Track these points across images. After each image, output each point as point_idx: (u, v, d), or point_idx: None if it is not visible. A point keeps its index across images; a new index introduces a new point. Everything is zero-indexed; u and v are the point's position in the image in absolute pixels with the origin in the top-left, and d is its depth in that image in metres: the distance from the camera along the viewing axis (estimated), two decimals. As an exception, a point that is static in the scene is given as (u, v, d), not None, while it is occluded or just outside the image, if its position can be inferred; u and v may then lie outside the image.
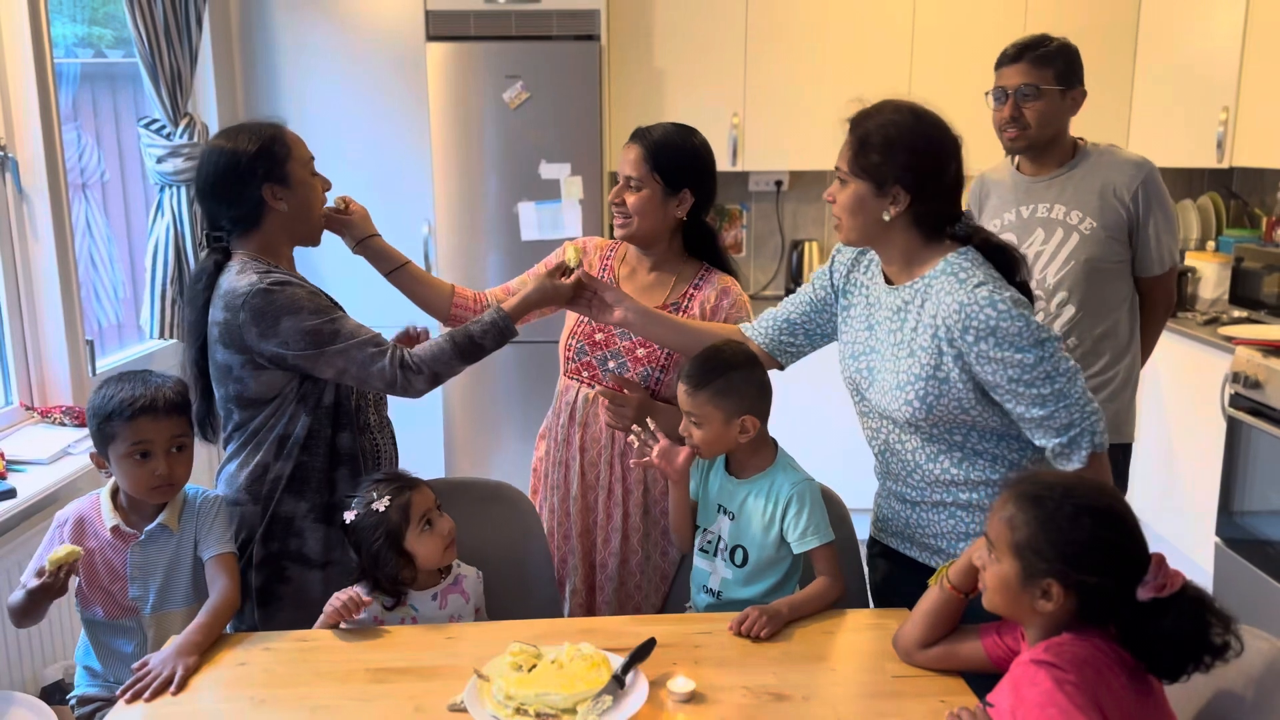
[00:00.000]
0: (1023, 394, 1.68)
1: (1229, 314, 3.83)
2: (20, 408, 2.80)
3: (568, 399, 2.22)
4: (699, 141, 2.16)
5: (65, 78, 3.16)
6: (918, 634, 1.65)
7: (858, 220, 1.77)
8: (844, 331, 1.94)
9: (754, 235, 4.61)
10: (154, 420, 1.84)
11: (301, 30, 3.87)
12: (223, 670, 1.70)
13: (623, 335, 2.17)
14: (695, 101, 4.14)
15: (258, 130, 1.97)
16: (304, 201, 1.99)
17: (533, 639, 1.68)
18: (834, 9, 4.09)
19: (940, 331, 1.71)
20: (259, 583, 2.01)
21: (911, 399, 1.75)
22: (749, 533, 1.88)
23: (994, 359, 1.67)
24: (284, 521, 2.01)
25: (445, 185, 3.85)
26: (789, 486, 1.86)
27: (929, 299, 1.74)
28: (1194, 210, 4.33)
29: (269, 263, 1.96)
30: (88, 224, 3.29)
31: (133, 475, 1.86)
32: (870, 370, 1.85)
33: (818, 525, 1.84)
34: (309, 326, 1.88)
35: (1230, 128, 3.75)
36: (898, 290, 1.80)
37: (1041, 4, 4.09)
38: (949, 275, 1.73)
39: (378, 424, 2.13)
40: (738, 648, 1.73)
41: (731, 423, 1.84)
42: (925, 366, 1.73)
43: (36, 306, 2.84)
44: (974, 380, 1.71)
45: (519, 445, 3.87)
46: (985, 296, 1.67)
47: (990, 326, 1.66)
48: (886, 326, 1.82)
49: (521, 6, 3.79)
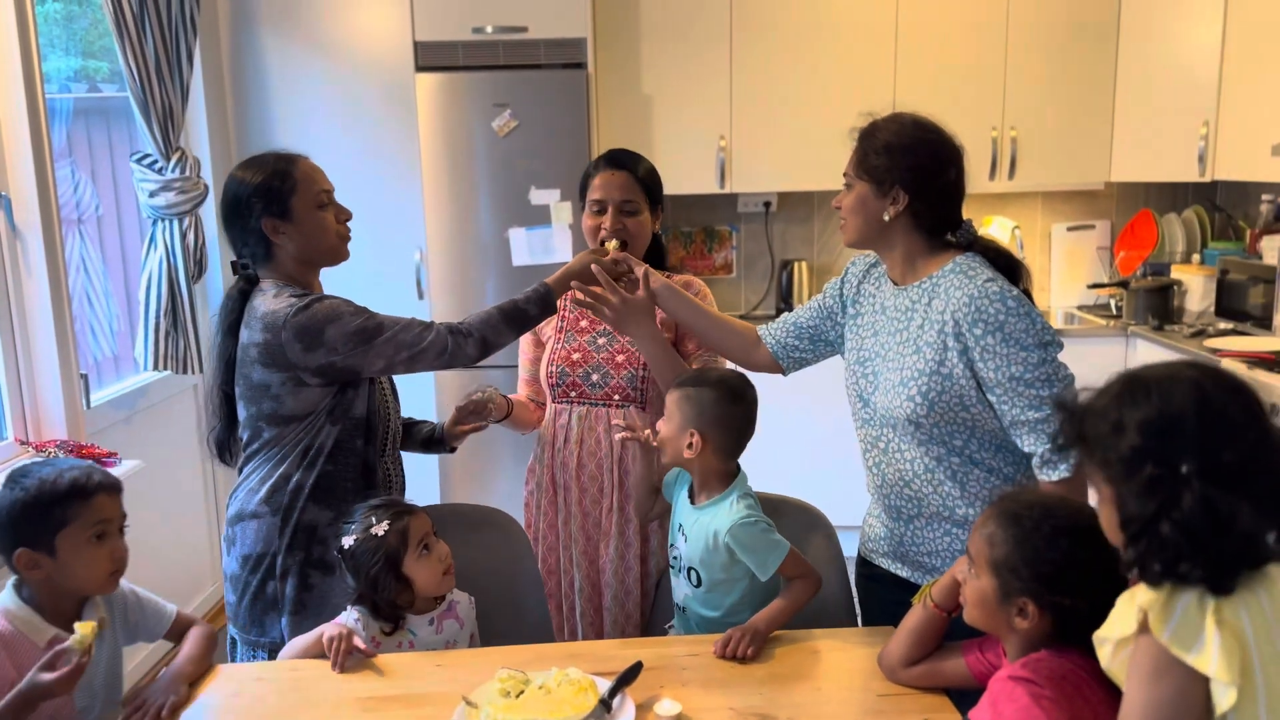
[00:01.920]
0: (1021, 394, 1.71)
1: (1215, 326, 3.86)
2: (15, 442, 2.82)
3: (561, 423, 2.26)
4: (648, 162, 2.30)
5: (59, 113, 3.21)
6: (902, 652, 1.67)
7: (859, 220, 1.86)
8: (850, 340, 1.98)
9: (744, 256, 4.65)
10: (110, 497, 1.73)
11: (292, 63, 3.92)
12: (216, 700, 1.72)
13: (598, 349, 2.23)
14: (682, 126, 4.19)
15: (266, 163, 2.02)
16: (307, 235, 2.01)
17: (520, 665, 1.70)
18: (819, 32, 4.14)
19: (948, 326, 1.75)
20: (285, 593, 2.04)
21: (914, 394, 1.78)
22: (697, 556, 1.90)
23: (999, 354, 1.71)
24: (307, 530, 2.03)
25: (436, 212, 3.89)
26: (724, 531, 1.84)
27: (936, 296, 1.79)
28: (1179, 224, 4.37)
29: (299, 286, 2.03)
30: (82, 259, 3.33)
31: (90, 561, 1.68)
32: (875, 374, 1.89)
33: (764, 559, 1.82)
34: (354, 327, 1.95)
35: (1211, 142, 3.80)
36: (905, 291, 1.86)
37: (1021, 27, 4.14)
38: (958, 273, 1.79)
39: (392, 448, 2.16)
40: (724, 669, 1.75)
41: (684, 432, 1.89)
42: (930, 362, 1.77)
43: (31, 341, 2.86)
44: (975, 376, 1.75)
45: (515, 470, 3.89)
46: (996, 291, 1.72)
47: (999, 321, 1.70)
48: (893, 327, 1.87)
49: (509, 36, 3.84)
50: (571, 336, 2.27)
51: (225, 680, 1.79)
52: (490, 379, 3.86)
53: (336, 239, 2.06)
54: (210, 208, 3.66)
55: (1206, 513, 1.12)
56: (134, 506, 3.19)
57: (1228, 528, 1.11)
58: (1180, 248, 4.34)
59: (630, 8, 4.12)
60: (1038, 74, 4.17)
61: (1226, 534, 1.11)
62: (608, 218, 2.20)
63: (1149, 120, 4.11)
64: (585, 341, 2.26)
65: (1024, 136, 4.21)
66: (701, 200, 4.51)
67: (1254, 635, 1.13)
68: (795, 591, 1.86)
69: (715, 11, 4.12)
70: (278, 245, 2.02)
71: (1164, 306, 4.04)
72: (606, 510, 2.24)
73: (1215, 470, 1.13)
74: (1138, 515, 1.16)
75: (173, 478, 3.62)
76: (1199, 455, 1.14)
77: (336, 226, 2.06)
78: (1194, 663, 1.12)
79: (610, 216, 2.19)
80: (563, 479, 2.26)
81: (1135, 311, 4.10)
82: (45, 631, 1.66)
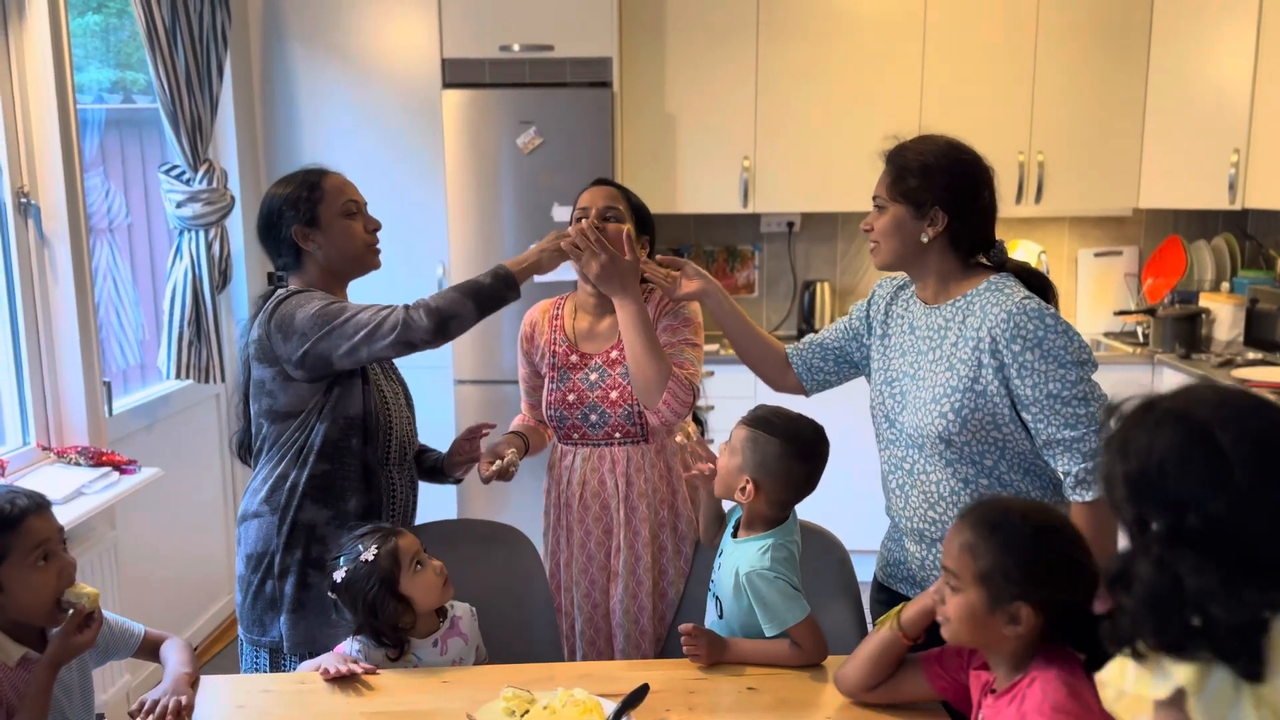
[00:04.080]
0: (1058, 412, 1.69)
1: (1244, 355, 3.80)
2: (37, 448, 2.85)
3: (566, 463, 2.24)
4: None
5: (92, 123, 3.25)
6: (861, 676, 1.66)
7: (895, 243, 1.84)
8: (876, 361, 1.97)
9: (766, 276, 4.64)
10: (40, 518, 1.68)
11: (321, 78, 3.96)
12: (221, 712, 1.72)
13: (591, 387, 2.21)
14: (706, 145, 4.19)
15: (296, 177, 2.11)
16: (335, 242, 2.08)
17: (527, 684, 1.69)
18: (845, 55, 4.14)
19: (984, 343, 1.74)
20: (283, 591, 2.06)
21: (946, 411, 1.76)
22: (724, 589, 1.87)
23: (1036, 371, 1.70)
24: (305, 529, 2.05)
25: (460, 227, 3.90)
26: (743, 574, 1.79)
27: (970, 314, 1.79)
28: (1208, 251, 4.32)
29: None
30: (109, 267, 3.36)
31: (41, 587, 1.65)
32: (903, 394, 1.87)
33: (774, 614, 1.77)
34: (317, 309, 1.98)
35: (1242, 170, 3.75)
36: (937, 309, 1.85)
37: (1050, 50, 4.12)
38: (993, 291, 1.79)
39: (399, 456, 2.15)
40: (733, 693, 1.73)
41: (740, 474, 1.82)
42: (963, 379, 1.76)
43: (55, 349, 2.89)
44: (1010, 394, 1.73)
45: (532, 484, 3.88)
46: (1034, 308, 1.73)
47: (1038, 338, 1.70)
48: (924, 346, 1.86)
49: (536, 55, 3.86)
50: (565, 375, 2.24)
51: (231, 692, 1.79)
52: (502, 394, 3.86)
53: (364, 247, 2.11)
54: (237, 219, 3.70)
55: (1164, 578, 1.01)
56: (153, 514, 3.24)
57: (1192, 598, 0.99)
58: (1209, 275, 4.29)
59: (655, 28, 4.13)
60: (1066, 98, 4.14)
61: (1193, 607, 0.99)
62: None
63: (1179, 146, 4.07)
64: (579, 380, 2.23)
65: (1051, 161, 4.18)
66: (725, 219, 4.51)
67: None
68: (788, 650, 1.79)
69: (741, 32, 4.13)
70: (307, 254, 2.09)
71: (1192, 335, 3.98)
72: (614, 550, 2.20)
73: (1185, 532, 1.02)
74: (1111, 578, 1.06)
75: (193, 486, 3.65)
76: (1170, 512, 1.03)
77: (364, 235, 2.11)
78: None
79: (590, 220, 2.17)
80: (567, 520, 2.23)
81: (1162, 339, 4.05)
82: (14, 652, 1.66)
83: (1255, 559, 0.99)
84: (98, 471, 2.77)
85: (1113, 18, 4.10)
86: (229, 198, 3.51)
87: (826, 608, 1.98)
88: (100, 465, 2.81)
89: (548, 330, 2.31)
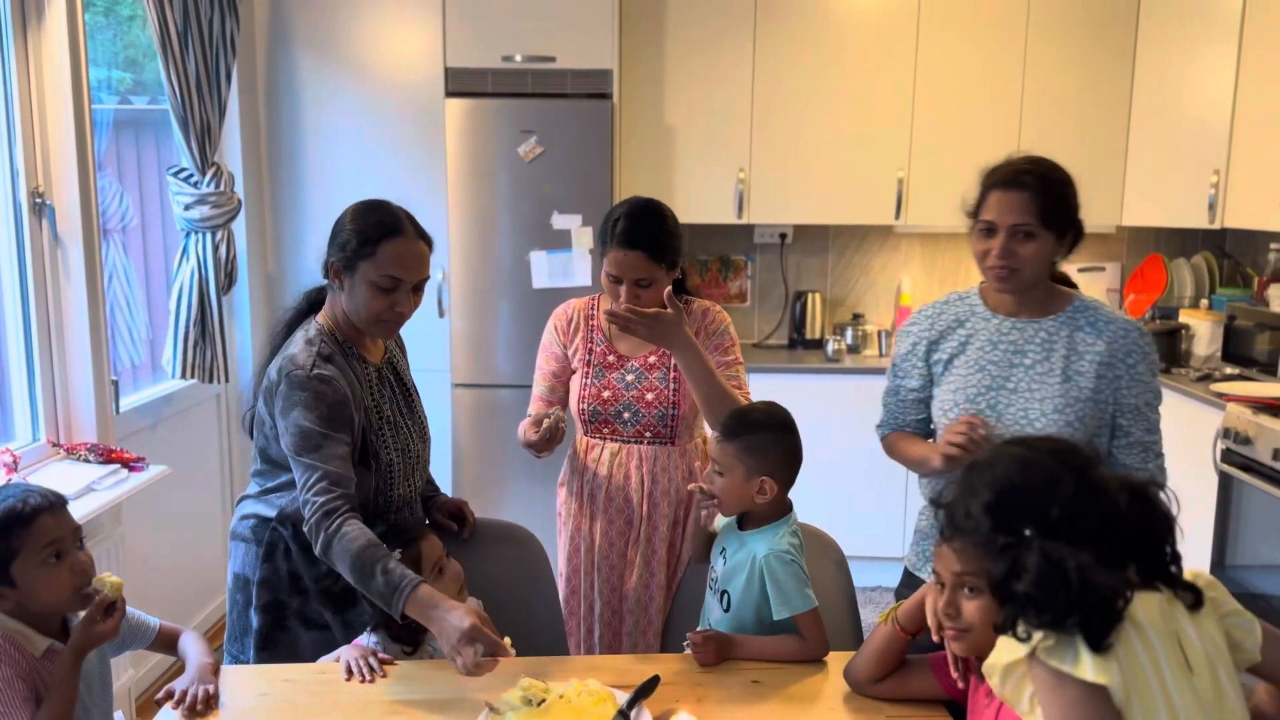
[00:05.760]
0: (1147, 417, 1.96)
1: (1221, 371, 3.91)
2: (47, 444, 2.89)
3: (593, 456, 2.32)
4: (672, 214, 2.26)
5: (99, 125, 3.29)
6: (869, 669, 1.75)
7: (1038, 269, 1.93)
8: (950, 381, 2.02)
9: (758, 286, 4.73)
10: (53, 516, 1.69)
11: (326, 84, 4.02)
12: (245, 700, 1.77)
13: (627, 386, 2.29)
14: (703, 157, 4.28)
15: (374, 215, 1.97)
16: (357, 301, 1.96)
17: (541, 675, 1.76)
18: (838, 70, 4.23)
19: (1103, 357, 1.93)
20: (255, 625, 2.03)
21: (1071, 419, 1.91)
22: (734, 581, 1.94)
23: (1143, 382, 1.94)
24: (292, 577, 2.02)
25: (460, 233, 3.97)
26: (761, 555, 1.87)
27: (1079, 329, 1.95)
28: (1188, 269, 4.44)
29: (337, 339, 1.99)
30: (114, 268, 3.41)
31: (53, 582, 1.68)
32: (998, 405, 1.96)
33: (787, 597, 1.86)
34: (304, 427, 1.87)
35: (1221, 191, 3.87)
36: (1036, 324, 1.98)
37: (1037, 72, 4.23)
38: (1095, 309, 1.97)
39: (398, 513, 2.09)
40: (739, 687, 1.80)
41: (751, 480, 1.88)
42: (1083, 390, 1.92)
43: (66, 347, 2.94)
44: (1116, 402, 1.94)
45: (529, 488, 3.95)
46: (1138, 327, 1.96)
47: (1145, 352, 1.94)
48: (1019, 360, 1.96)
49: (537, 66, 3.94)
50: (600, 373, 2.31)
51: (254, 681, 1.84)
52: (498, 398, 3.93)
53: (373, 320, 1.97)
54: (242, 221, 3.76)
55: (1049, 564, 1.22)
56: (157, 511, 3.28)
57: (1075, 575, 1.21)
58: (1189, 293, 4.41)
59: (655, 42, 4.22)
60: (1052, 118, 4.25)
61: (1077, 582, 1.21)
62: (623, 292, 2.19)
63: (1161, 167, 4.19)
64: (614, 379, 2.30)
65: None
66: (719, 230, 4.59)
67: (1128, 676, 1.22)
68: (793, 644, 1.87)
69: (738, 47, 4.22)
70: (335, 290, 2.00)
71: (1172, 350, 4.10)
72: (632, 542, 2.30)
73: (1049, 527, 1.25)
74: (1000, 581, 1.27)
75: (195, 484, 3.69)
76: (1033, 517, 1.26)
77: (383, 311, 1.96)
78: (1072, 670, 1.21)
79: (626, 292, 2.19)
80: (590, 509, 2.32)
81: (1143, 354, 4.15)
82: (40, 643, 1.69)
83: (1105, 542, 1.25)
84: (107, 468, 2.82)
85: (1098, 43, 4.22)
86: (236, 201, 3.56)
87: (824, 607, 2.04)
88: (109, 462, 2.85)
89: (584, 327, 2.35)
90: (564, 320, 2.37)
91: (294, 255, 4.11)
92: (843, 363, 4.32)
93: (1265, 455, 3.17)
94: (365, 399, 2.00)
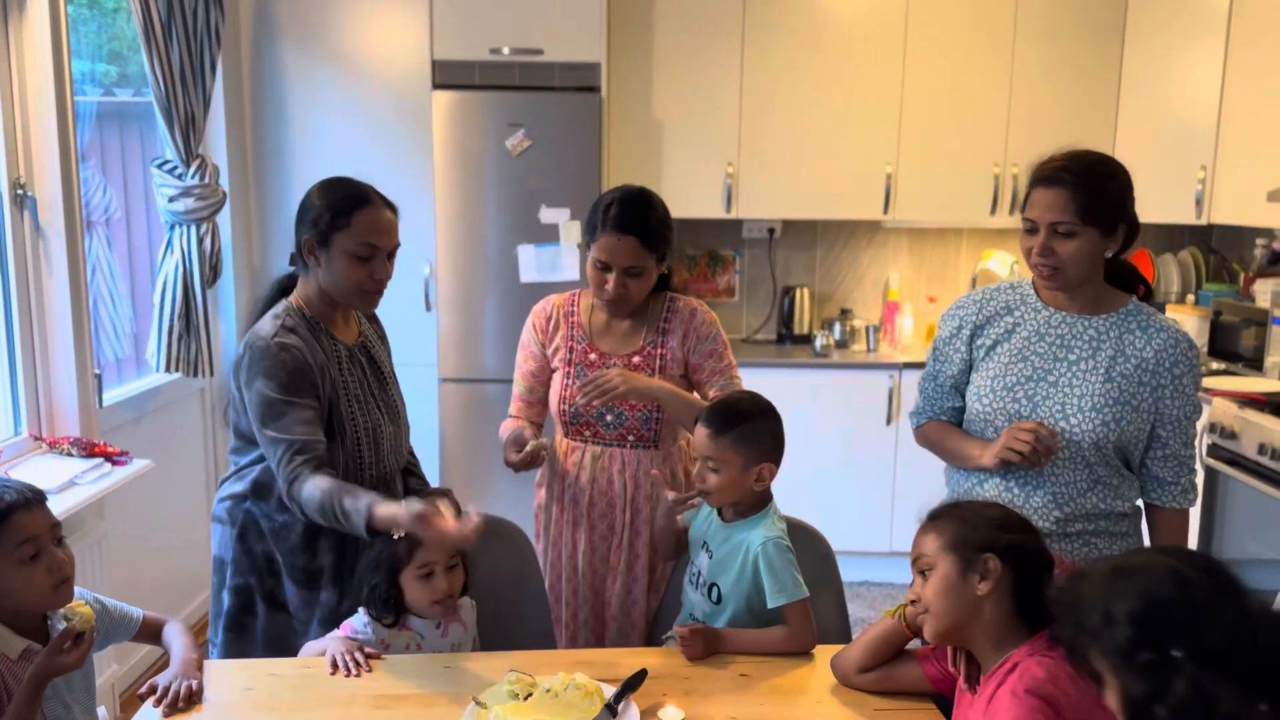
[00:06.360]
0: (1185, 429, 1.90)
1: (1208, 366, 3.93)
2: (29, 438, 2.87)
3: (574, 459, 2.27)
4: (664, 204, 2.25)
5: (82, 117, 3.26)
6: (859, 658, 1.75)
7: (1084, 267, 1.86)
8: (987, 369, 1.97)
9: (746, 281, 4.72)
10: (29, 513, 1.64)
11: (312, 77, 3.99)
12: (229, 694, 1.76)
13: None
14: (691, 151, 4.27)
15: (340, 189, 2.01)
16: (333, 274, 2.00)
17: (528, 669, 1.75)
18: (827, 66, 4.23)
19: (1148, 363, 1.87)
20: (226, 606, 2.06)
21: (1109, 420, 1.86)
22: (724, 574, 1.94)
23: (1185, 394, 1.88)
24: (265, 559, 2.05)
25: (447, 227, 3.95)
26: (758, 542, 1.89)
27: (1129, 333, 1.90)
28: (1175, 265, 4.46)
29: (305, 315, 2.02)
30: (97, 260, 3.38)
31: (29, 581, 1.63)
32: (1035, 397, 1.91)
33: (783, 584, 1.87)
34: (266, 395, 1.91)
35: (1208, 186, 3.89)
36: (1087, 320, 1.92)
37: (1025, 69, 4.24)
38: (1148, 315, 1.91)
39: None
40: (727, 679, 1.80)
41: (750, 470, 1.89)
42: (1124, 393, 1.87)
43: (48, 340, 2.91)
44: (1156, 412, 1.88)
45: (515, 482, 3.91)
46: (1189, 338, 1.90)
47: (1191, 363, 1.89)
48: (1067, 355, 1.91)
49: (525, 59, 3.92)
50: (582, 372, 2.25)
51: (239, 675, 1.83)
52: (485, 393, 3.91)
53: (355, 290, 2.01)
54: (227, 214, 3.73)
55: (1198, 696, 1.15)
56: (140, 506, 3.26)
57: (1216, 709, 1.15)
58: (1175, 288, 4.42)
59: (644, 35, 4.20)
60: (1040, 114, 4.25)
61: (1216, 716, 1.15)
62: (611, 279, 2.16)
63: (1148, 163, 4.19)
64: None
65: (1025, 174, 4.28)
66: (707, 224, 4.58)
67: None
68: (780, 635, 1.88)
69: (727, 41, 4.21)
70: (311, 267, 2.02)
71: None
72: (615, 547, 2.26)
73: (1203, 653, 1.17)
74: (1138, 699, 1.19)
75: (178, 479, 3.66)
76: (1186, 640, 1.18)
77: (363, 281, 2.00)
78: None
79: (614, 280, 2.16)
80: (572, 514, 2.28)
81: (1130, 349, 4.16)
82: (16, 645, 1.66)
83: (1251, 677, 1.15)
84: (90, 462, 2.79)
85: (1086, 39, 4.23)
86: (220, 193, 3.54)
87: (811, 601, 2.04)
88: (92, 456, 2.83)
89: (564, 324, 2.30)
90: (543, 318, 2.32)
91: (279, 248, 4.07)
92: (831, 358, 4.31)
93: (1251, 450, 3.18)
94: (333, 372, 2.02)
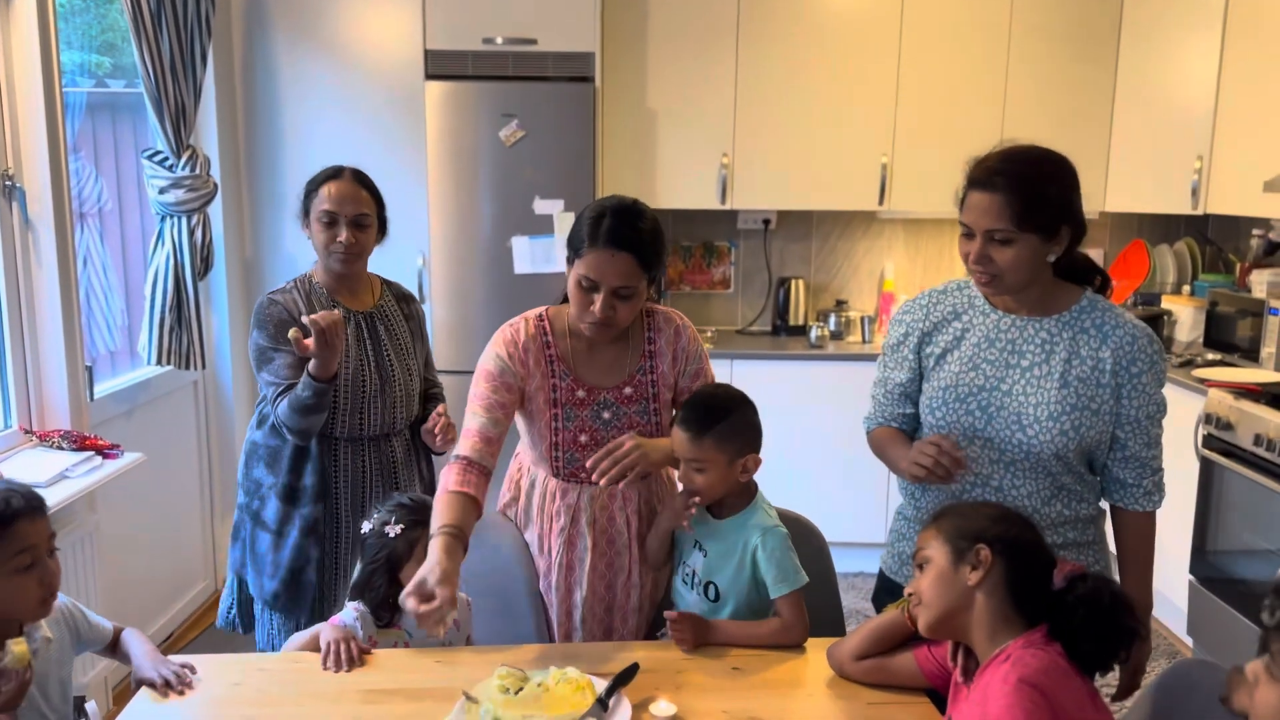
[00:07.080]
0: (1147, 431, 1.81)
1: (1203, 356, 3.92)
2: (19, 431, 2.85)
3: (568, 501, 2.07)
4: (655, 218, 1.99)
5: (71, 107, 3.24)
6: (857, 646, 1.74)
7: (1024, 275, 1.75)
8: (938, 379, 1.87)
9: (742, 272, 4.70)
10: (31, 523, 1.61)
11: (303, 67, 3.96)
12: (216, 689, 1.75)
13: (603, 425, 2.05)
14: (686, 142, 4.25)
15: (325, 169, 2.44)
16: (314, 241, 2.42)
17: (519, 663, 1.74)
18: (822, 55, 4.21)
19: (1105, 364, 1.77)
20: (234, 523, 2.53)
21: (1067, 428, 1.76)
22: (722, 571, 1.93)
23: (1145, 393, 1.78)
24: (254, 484, 2.46)
25: (440, 218, 3.93)
26: (757, 534, 1.89)
27: (1083, 333, 1.79)
28: (1170, 255, 4.45)
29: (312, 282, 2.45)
30: (88, 252, 3.35)
31: (20, 590, 1.60)
32: (990, 408, 1.81)
33: (785, 573, 1.87)
34: (258, 345, 2.38)
35: (1204, 176, 3.87)
36: (1037, 322, 1.81)
37: (1021, 59, 4.22)
38: (1103, 311, 1.80)
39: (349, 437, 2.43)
40: (719, 673, 1.79)
41: (735, 464, 1.88)
42: (1081, 398, 1.77)
43: (38, 332, 2.89)
44: (1113, 415, 1.79)
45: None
46: (1149, 332, 1.79)
47: (1152, 360, 1.78)
48: (1018, 361, 1.80)
49: (519, 48, 3.90)
50: (571, 413, 2.03)
51: (228, 670, 1.82)
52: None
53: (324, 252, 2.40)
54: (219, 206, 3.70)
55: None
56: (131, 499, 3.24)
57: None
58: (1171, 279, 4.42)
59: (638, 24, 4.18)
60: (1036, 104, 4.24)
61: None
62: (599, 300, 1.92)
63: (1144, 153, 4.19)
64: (588, 417, 2.04)
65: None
66: (702, 215, 4.57)
67: None
68: (773, 627, 1.87)
69: (722, 31, 4.19)
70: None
71: (1154, 336, 4.10)
72: (622, 586, 2.12)
73: None
74: None
75: (170, 472, 3.65)
76: None
77: (329, 242, 2.38)
78: None
79: (601, 301, 1.92)
80: (568, 558, 2.09)
81: (1125, 340, 4.15)
82: None
83: None
84: (81, 455, 2.77)
85: (1083, 29, 4.22)
86: (211, 184, 3.51)
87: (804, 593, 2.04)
88: (83, 449, 2.81)
89: (541, 358, 2.04)
90: (516, 347, 2.03)
91: (271, 240, 4.05)
92: (826, 349, 4.31)
93: (1246, 441, 3.18)
94: None
